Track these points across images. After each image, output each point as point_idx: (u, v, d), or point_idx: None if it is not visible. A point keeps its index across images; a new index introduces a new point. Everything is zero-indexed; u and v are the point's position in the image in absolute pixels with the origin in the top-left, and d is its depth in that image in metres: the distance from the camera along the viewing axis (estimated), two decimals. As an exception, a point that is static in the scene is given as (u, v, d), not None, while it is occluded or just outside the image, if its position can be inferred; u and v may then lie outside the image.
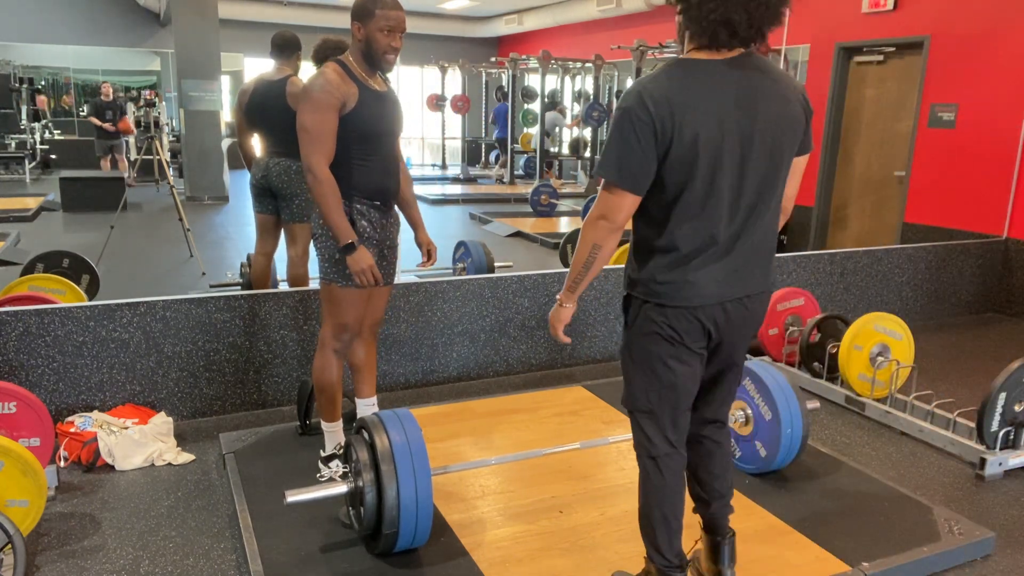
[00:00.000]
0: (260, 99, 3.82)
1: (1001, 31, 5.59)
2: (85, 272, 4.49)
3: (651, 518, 2.03)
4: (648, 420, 2.01)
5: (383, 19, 2.47)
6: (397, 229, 2.80)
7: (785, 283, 4.75)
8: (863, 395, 3.73)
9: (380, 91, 2.61)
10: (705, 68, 1.79)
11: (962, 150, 5.88)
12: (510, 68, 12.90)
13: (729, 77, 1.78)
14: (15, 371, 3.12)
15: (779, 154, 1.85)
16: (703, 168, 1.78)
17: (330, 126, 2.48)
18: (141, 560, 2.42)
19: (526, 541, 2.49)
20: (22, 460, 2.27)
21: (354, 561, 2.37)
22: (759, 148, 1.81)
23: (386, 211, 2.71)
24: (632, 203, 1.83)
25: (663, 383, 1.96)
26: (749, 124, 1.79)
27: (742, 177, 1.82)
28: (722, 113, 1.77)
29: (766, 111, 1.81)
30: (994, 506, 2.90)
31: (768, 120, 1.81)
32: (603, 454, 3.11)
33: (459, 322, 3.95)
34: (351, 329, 2.72)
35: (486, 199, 11.48)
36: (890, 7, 6.29)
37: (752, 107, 1.79)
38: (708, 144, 1.76)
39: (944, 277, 5.44)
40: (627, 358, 2.03)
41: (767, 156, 1.83)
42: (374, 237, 2.64)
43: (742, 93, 1.79)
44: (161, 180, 10.68)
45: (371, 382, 2.97)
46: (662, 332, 1.92)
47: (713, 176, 1.79)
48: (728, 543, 2.16)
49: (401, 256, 3.01)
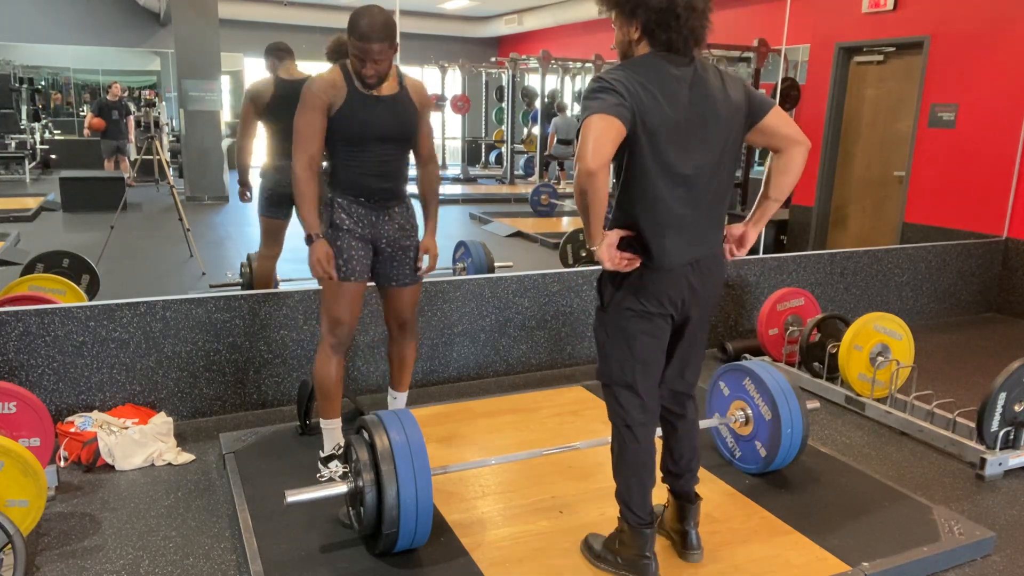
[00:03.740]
0: (285, 100, 3.77)
1: (1001, 31, 5.59)
2: (85, 272, 4.49)
3: (627, 481, 2.24)
4: (626, 392, 2.19)
5: (353, 47, 2.54)
6: (404, 231, 2.83)
7: (785, 283, 4.75)
8: (863, 395, 3.73)
9: (378, 96, 2.65)
10: (657, 63, 2.00)
11: (962, 150, 5.88)
12: (510, 68, 12.90)
13: (684, 71, 2.01)
14: (15, 371, 3.12)
15: (725, 135, 2.08)
16: (664, 145, 1.98)
17: (315, 126, 2.61)
18: (141, 560, 2.42)
19: (526, 541, 2.49)
20: (22, 460, 2.27)
21: (354, 561, 2.37)
22: (710, 129, 2.04)
23: (376, 208, 2.75)
24: (615, 132, 1.89)
25: (637, 358, 2.15)
26: (698, 109, 2.01)
27: (697, 155, 2.03)
28: (675, 99, 1.98)
29: (711, 98, 2.03)
30: (994, 506, 2.90)
31: (713, 105, 2.03)
32: (603, 454, 3.09)
33: (459, 322, 3.95)
34: (344, 323, 2.76)
35: (486, 199, 11.49)
36: (890, 7, 6.29)
37: (700, 95, 2.02)
38: (664, 126, 1.96)
39: (944, 277, 5.44)
40: (602, 335, 2.20)
41: (715, 138, 2.05)
42: (355, 231, 2.73)
43: (697, 83, 2.02)
44: (161, 180, 10.68)
45: (399, 377, 3.10)
46: (635, 309, 2.10)
47: (670, 155, 1.99)
48: (695, 507, 2.37)
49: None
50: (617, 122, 1.89)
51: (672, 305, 2.12)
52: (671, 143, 1.99)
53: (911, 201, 6.29)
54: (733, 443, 3.03)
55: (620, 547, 2.29)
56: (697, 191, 2.06)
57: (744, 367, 2.97)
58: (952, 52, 5.92)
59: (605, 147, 1.88)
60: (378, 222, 2.77)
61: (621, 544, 2.29)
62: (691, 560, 2.38)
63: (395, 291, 2.89)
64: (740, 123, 2.11)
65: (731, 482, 2.90)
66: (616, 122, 1.89)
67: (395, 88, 2.70)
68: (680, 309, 2.15)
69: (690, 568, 2.37)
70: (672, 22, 1.96)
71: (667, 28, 1.97)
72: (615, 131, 1.89)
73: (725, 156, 2.10)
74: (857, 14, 6.60)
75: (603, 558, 2.34)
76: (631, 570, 2.26)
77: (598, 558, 2.35)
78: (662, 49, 2.00)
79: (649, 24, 1.98)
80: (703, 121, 2.02)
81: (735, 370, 3.01)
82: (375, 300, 3.73)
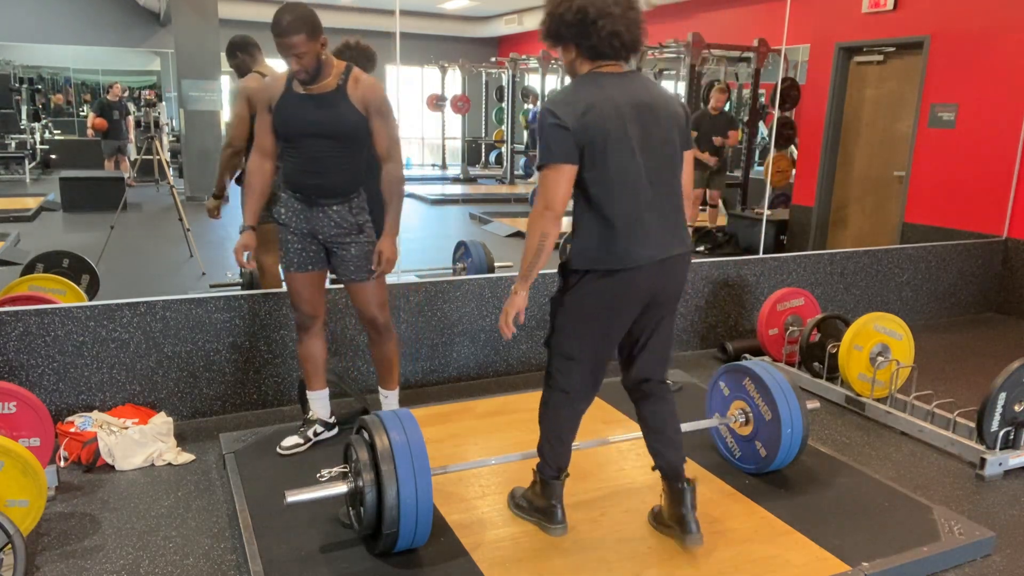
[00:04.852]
0: None
1: (1001, 31, 5.59)
2: (85, 272, 4.48)
3: (549, 438, 2.46)
4: (572, 364, 2.36)
5: (275, 44, 2.61)
6: (343, 228, 2.84)
7: (785, 283, 4.75)
8: (863, 395, 3.73)
9: (310, 93, 2.72)
10: (603, 79, 2.20)
11: (962, 150, 5.88)
12: (510, 68, 12.90)
13: (623, 85, 2.20)
14: (15, 371, 3.12)
15: (672, 141, 2.26)
16: (613, 156, 2.15)
17: (262, 123, 2.83)
18: (141, 560, 2.42)
19: (526, 541, 2.49)
20: (22, 460, 2.27)
21: (354, 561, 2.37)
22: (656, 137, 2.21)
23: (311, 204, 2.82)
24: (569, 175, 2.15)
25: (589, 340, 2.31)
26: (645, 118, 2.19)
27: (647, 160, 2.19)
28: (622, 111, 2.16)
29: (655, 108, 2.22)
30: (994, 506, 2.90)
31: (657, 115, 2.22)
32: (603, 454, 3.11)
33: (459, 322, 3.95)
34: (299, 309, 2.98)
35: (486, 199, 11.48)
36: (890, 7, 6.29)
37: (644, 105, 2.20)
38: (613, 136, 2.14)
39: (944, 277, 5.44)
40: (559, 309, 2.32)
41: (662, 143, 2.23)
42: (291, 224, 2.87)
43: (635, 95, 2.20)
44: (161, 180, 10.68)
45: (382, 376, 3.20)
46: (600, 299, 2.23)
47: (624, 162, 2.16)
48: (690, 489, 2.43)
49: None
50: (567, 168, 2.14)
51: (631, 302, 2.26)
52: (617, 151, 2.15)
53: (911, 201, 6.29)
54: (733, 443, 3.03)
55: (534, 496, 2.58)
56: (648, 193, 2.20)
57: (744, 367, 2.97)
58: (952, 52, 5.92)
59: (565, 194, 2.16)
60: (313, 218, 2.83)
61: (535, 494, 2.57)
62: (691, 545, 2.40)
63: (348, 287, 2.98)
64: (677, 135, 2.28)
65: (731, 482, 2.90)
66: (566, 168, 2.14)
67: (332, 86, 2.72)
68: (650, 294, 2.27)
69: (690, 568, 2.37)
70: (592, 30, 2.14)
71: (589, 36, 2.15)
72: (568, 176, 2.15)
73: (672, 160, 2.27)
74: (857, 14, 6.60)
75: (520, 506, 2.63)
76: (542, 516, 2.54)
77: (518, 507, 2.64)
78: (596, 58, 2.20)
79: (575, 39, 2.19)
80: (645, 128, 2.19)
81: (735, 370, 3.01)
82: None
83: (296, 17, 2.56)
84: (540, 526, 2.55)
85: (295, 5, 2.60)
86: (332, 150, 2.76)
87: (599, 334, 2.31)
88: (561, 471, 2.52)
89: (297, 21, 2.55)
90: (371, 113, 2.77)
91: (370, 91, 2.76)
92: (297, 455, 3.03)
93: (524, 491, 2.65)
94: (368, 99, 2.75)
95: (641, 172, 2.18)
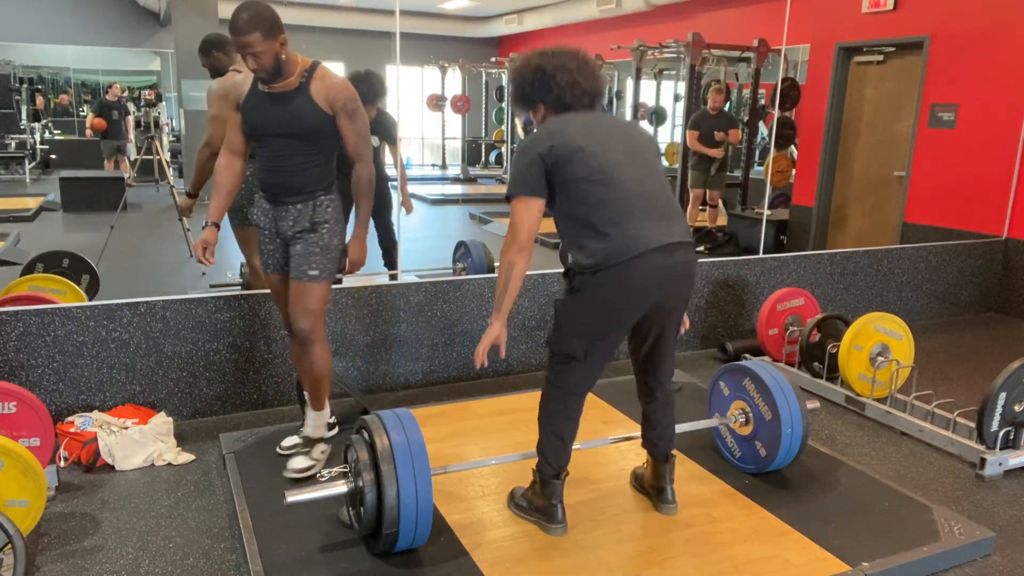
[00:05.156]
0: None
1: (1001, 31, 5.59)
2: (85, 272, 4.49)
3: (550, 438, 2.49)
4: (572, 364, 2.40)
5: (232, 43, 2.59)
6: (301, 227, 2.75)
7: (785, 283, 4.75)
8: (863, 395, 3.73)
9: (271, 92, 2.68)
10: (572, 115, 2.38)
11: (962, 150, 5.88)
12: (510, 68, 12.88)
13: (592, 115, 2.40)
14: (15, 371, 3.12)
15: (650, 153, 2.43)
16: (597, 170, 2.25)
17: (232, 122, 2.81)
18: (141, 560, 2.42)
19: (526, 541, 2.49)
20: (22, 460, 2.27)
21: (354, 561, 2.37)
22: (632, 147, 2.36)
23: (275, 203, 2.79)
24: (535, 208, 2.29)
25: (591, 341, 2.35)
26: (616, 133, 2.37)
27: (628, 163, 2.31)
28: (591, 128, 2.33)
29: (626, 128, 2.45)
30: (994, 506, 2.90)
31: (630, 134, 2.42)
32: (603, 454, 3.11)
33: (459, 322, 3.95)
34: (282, 311, 2.99)
35: (486, 199, 11.48)
36: (890, 7, 6.29)
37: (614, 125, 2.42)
38: (587, 149, 2.26)
39: (944, 277, 5.44)
40: (563, 311, 2.37)
41: (641, 150, 2.38)
42: (261, 224, 2.86)
43: (604, 119, 2.41)
44: (161, 180, 10.68)
45: (308, 393, 2.97)
46: (604, 299, 2.27)
47: (605, 165, 2.27)
48: (670, 464, 2.66)
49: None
50: (534, 201, 2.29)
51: (636, 298, 2.29)
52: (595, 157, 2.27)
53: (911, 201, 6.29)
54: (733, 443, 3.03)
55: (534, 496, 2.59)
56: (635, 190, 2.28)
57: (744, 367, 2.97)
58: (952, 52, 5.91)
59: (533, 227, 2.30)
60: (277, 217, 2.80)
61: (535, 494, 2.59)
62: (666, 513, 2.67)
63: (290, 284, 2.83)
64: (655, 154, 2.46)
65: (731, 482, 2.90)
66: (533, 201, 2.29)
67: (294, 84, 2.66)
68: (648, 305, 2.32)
69: (690, 568, 2.37)
70: (552, 84, 2.35)
71: (551, 90, 2.36)
72: (534, 208, 2.30)
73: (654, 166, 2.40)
74: (857, 14, 6.59)
75: (520, 506, 2.64)
76: (543, 516, 2.55)
77: (518, 507, 2.65)
78: (563, 111, 2.39)
79: (540, 96, 2.39)
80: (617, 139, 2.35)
81: (735, 370, 3.01)
82: (375, 299, 3.73)
83: (253, 15, 2.49)
84: (540, 526, 2.55)
85: (253, 3, 2.53)
86: (294, 149, 2.70)
87: (601, 335, 2.35)
88: (561, 471, 2.53)
89: (254, 19, 2.49)
90: (337, 112, 2.69)
91: (335, 89, 2.68)
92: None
93: (524, 491, 2.66)
94: (333, 97, 2.67)
95: (624, 173, 2.28)
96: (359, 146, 2.77)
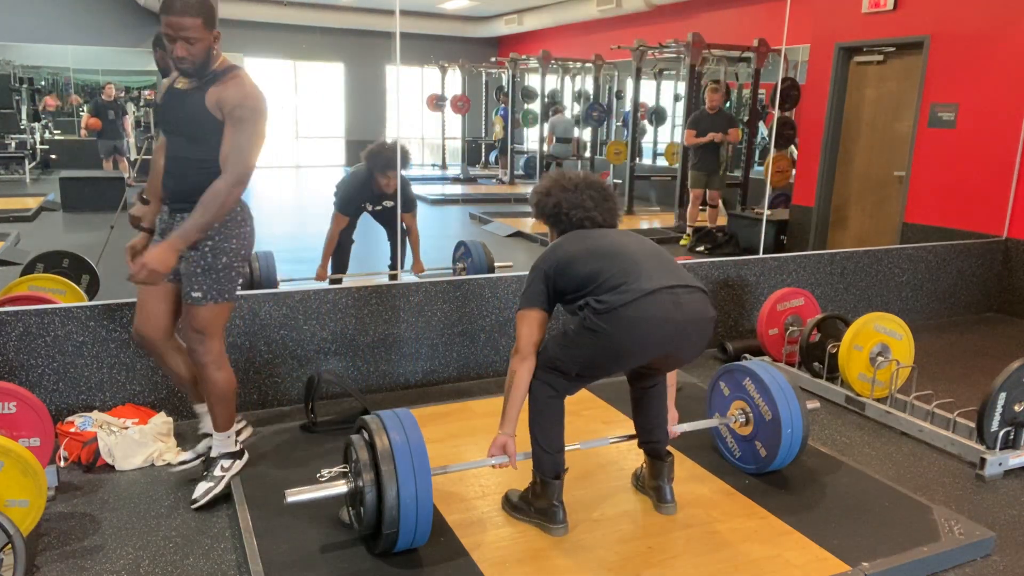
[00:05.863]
0: None
1: (1001, 31, 5.59)
2: (85, 272, 4.48)
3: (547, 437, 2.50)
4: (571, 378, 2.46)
5: (163, 23, 2.41)
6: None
7: (785, 283, 4.75)
8: (863, 395, 3.73)
9: (179, 89, 2.57)
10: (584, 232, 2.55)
11: (962, 150, 5.88)
12: (510, 68, 12.90)
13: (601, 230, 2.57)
14: (15, 371, 3.12)
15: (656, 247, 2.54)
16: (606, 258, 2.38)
17: None
18: (141, 560, 2.42)
19: (526, 541, 2.49)
20: (22, 460, 2.27)
21: (354, 561, 2.37)
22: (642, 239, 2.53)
23: (169, 210, 2.68)
24: (537, 320, 2.43)
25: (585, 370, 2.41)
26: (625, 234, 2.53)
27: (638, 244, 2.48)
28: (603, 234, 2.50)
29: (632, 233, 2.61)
30: (994, 506, 2.90)
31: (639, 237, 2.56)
32: (603, 454, 3.11)
33: (459, 322, 3.95)
34: (137, 315, 2.86)
35: (486, 199, 11.49)
36: (890, 7, 6.29)
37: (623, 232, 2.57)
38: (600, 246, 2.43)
39: (944, 277, 5.44)
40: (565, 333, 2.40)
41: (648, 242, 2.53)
42: (155, 229, 2.80)
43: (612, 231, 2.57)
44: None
45: (209, 411, 2.81)
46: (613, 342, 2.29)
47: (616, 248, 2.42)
48: (667, 464, 2.67)
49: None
50: (535, 313, 2.43)
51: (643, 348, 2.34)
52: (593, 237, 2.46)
53: (911, 201, 6.29)
54: (733, 443, 3.03)
55: (534, 498, 2.57)
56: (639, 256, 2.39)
57: (744, 367, 2.97)
58: (952, 52, 5.92)
59: (535, 336, 2.42)
60: (168, 227, 2.66)
61: (534, 495, 2.57)
62: (665, 512, 2.66)
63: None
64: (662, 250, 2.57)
65: (731, 482, 2.90)
66: (534, 313, 2.43)
67: (198, 82, 2.52)
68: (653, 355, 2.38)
69: (690, 568, 2.37)
70: (565, 219, 2.54)
71: (568, 223, 2.55)
72: (536, 320, 2.43)
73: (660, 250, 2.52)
74: (857, 14, 6.60)
75: (519, 508, 2.62)
76: (543, 517, 2.54)
77: (515, 509, 2.63)
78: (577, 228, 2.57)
79: (555, 224, 2.61)
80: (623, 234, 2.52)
81: (735, 370, 3.01)
82: (375, 300, 3.73)
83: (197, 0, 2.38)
84: (541, 527, 2.55)
85: None
86: (186, 151, 2.55)
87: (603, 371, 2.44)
88: (558, 474, 2.54)
89: (198, 3, 2.37)
90: (224, 116, 2.47)
91: (228, 91, 2.47)
92: (297, 455, 3.03)
93: (522, 492, 2.64)
94: (223, 99, 2.46)
95: (632, 247, 2.42)
96: (229, 157, 2.49)
